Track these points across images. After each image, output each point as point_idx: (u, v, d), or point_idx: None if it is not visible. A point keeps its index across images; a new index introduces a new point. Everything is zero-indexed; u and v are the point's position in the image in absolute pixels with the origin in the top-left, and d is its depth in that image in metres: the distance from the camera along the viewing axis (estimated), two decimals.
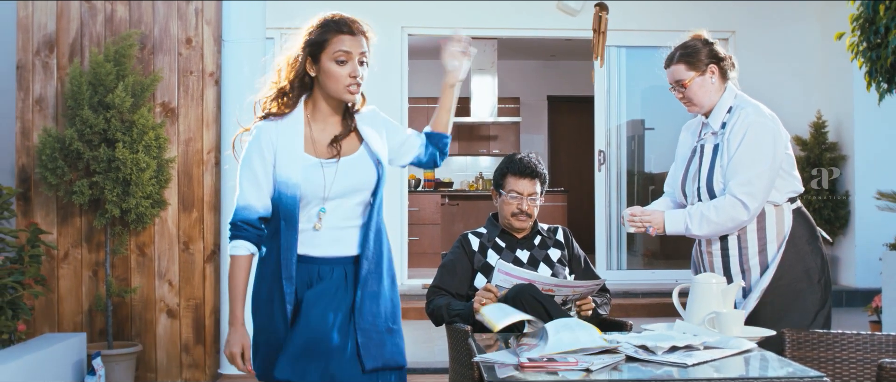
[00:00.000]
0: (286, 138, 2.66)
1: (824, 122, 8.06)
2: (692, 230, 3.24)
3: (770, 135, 3.22)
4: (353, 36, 2.65)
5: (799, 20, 8.28)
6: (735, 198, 3.17)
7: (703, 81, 3.34)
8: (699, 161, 3.39)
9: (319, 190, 2.64)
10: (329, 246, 2.68)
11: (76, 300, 5.52)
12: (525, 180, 3.54)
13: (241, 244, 2.67)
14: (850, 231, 7.99)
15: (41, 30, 5.56)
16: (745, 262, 3.28)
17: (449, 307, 3.34)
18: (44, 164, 5.17)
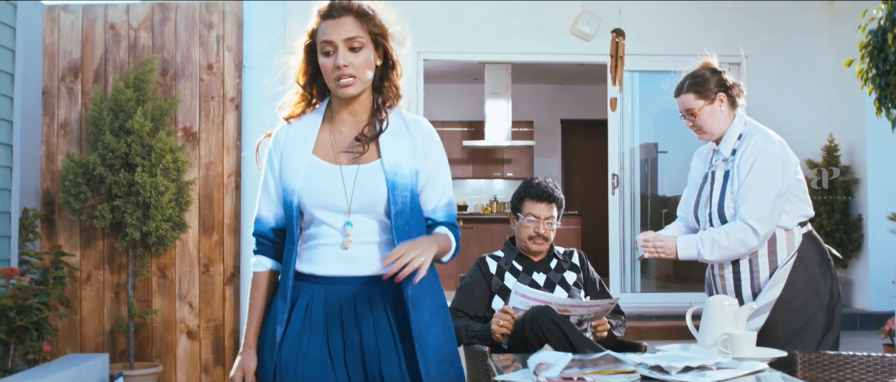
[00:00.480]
0: (296, 140, 2.40)
1: (837, 146, 8.11)
2: (704, 255, 3.31)
3: (779, 161, 3.29)
4: (335, 20, 2.32)
5: (810, 45, 8.34)
6: (745, 223, 3.24)
7: (713, 110, 3.41)
8: (711, 187, 3.46)
9: (337, 198, 2.33)
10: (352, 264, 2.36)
11: (98, 321, 5.61)
12: (542, 204, 3.61)
13: (258, 260, 2.48)
14: (864, 255, 8.01)
15: (66, 56, 5.69)
16: (757, 285, 3.34)
17: (467, 329, 3.41)
18: (67, 189, 5.28)
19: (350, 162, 2.36)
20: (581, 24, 8.19)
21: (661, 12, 8.29)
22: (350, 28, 2.30)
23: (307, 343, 2.33)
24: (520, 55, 8.83)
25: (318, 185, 2.34)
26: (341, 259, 2.34)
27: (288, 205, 2.37)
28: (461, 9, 8.22)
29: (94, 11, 5.73)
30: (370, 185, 2.34)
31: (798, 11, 8.35)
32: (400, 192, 2.34)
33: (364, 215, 2.35)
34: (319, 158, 2.37)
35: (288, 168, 2.37)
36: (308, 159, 2.37)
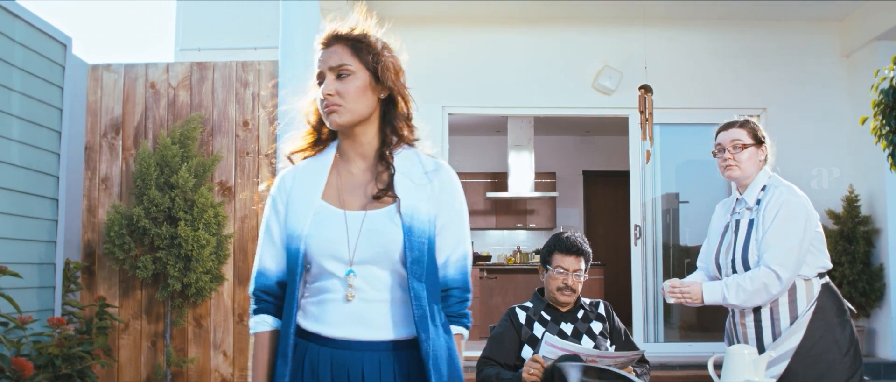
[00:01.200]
0: (304, 183, 2.21)
1: (857, 196, 8.22)
2: (729, 299, 3.45)
3: (803, 213, 3.46)
4: (326, 49, 2.21)
5: (828, 97, 8.48)
6: (769, 269, 3.39)
7: (754, 153, 3.61)
8: (734, 235, 3.61)
9: (339, 246, 2.12)
10: (357, 326, 2.13)
11: (135, 368, 5.79)
12: (571, 257, 3.76)
13: (261, 319, 2.23)
14: (886, 304, 8.08)
15: (108, 113, 5.94)
16: (778, 333, 3.48)
17: (499, 377, 3.56)
18: (112, 239, 5.50)
19: (358, 207, 2.16)
20: (603, 79, 8.40)
21: (682, 67, 8.49)
22: (337, 56, 2.17)
23: None
24: (542, 109, 9.03)
25: (325, 233, 2.12)
26: (350, 320, 2.12)
27: (293, 253, 2.13)
28: (485, 64, 8.45)
29: (136, 71, 5.99)
30: (381, 231, 2.12)
31: (816, 64, 8.52)
32: (416, 238, 2.12)
33: (375, 267, 2.12)
34: (328, 202, 2.17)
35: (294, 213, 2.17)
36: (317, 203, 2.16)
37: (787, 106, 8.52)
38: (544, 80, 8.54)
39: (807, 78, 8.53)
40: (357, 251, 2.11)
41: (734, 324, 3.66)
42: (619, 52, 8.48)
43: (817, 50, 8.55)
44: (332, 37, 2.21)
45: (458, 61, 8.47)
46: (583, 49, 8.48)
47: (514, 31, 8.52)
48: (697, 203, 9.12)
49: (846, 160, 8.46)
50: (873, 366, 7.85)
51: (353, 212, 2.15)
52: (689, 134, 8.97)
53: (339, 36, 2.20)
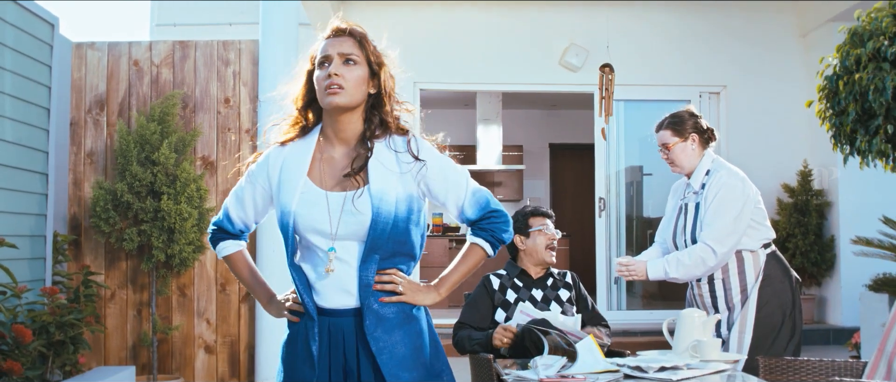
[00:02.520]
0: (291, 162, 2.45)
1: (810, 170, 8.60)
2: (670, 274, 3.80)
3: (740, 194, 3.80)
4: (335, 38, 2.44)
5: (786, 76, 8.80)
6: (705, 244, 3.75)
7: (685, 147, 3.93)
8: (685, 218, 3.96)
9: (322, 223, 2.39)
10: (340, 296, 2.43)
11: (122, 336, 6.03)
12: (546, 218, 4.07)
13: (227, 245, 2.62)
14: (836, 273, 8.48)
15: (93, 90, 6.13)
16: (730, 301, 3.83)
17: (470, 338, 3.86)
18: (97, 214, 5.71)
19: (337, 189, 2.42)
20: (569, 57, 8.68)
21: (646, 45, 8.78)
22: (348, 46, 2.42)
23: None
24: (511, 85, 9.30)
25: (309, 211, 2.39)
26: (336, 289, 2.41)
27: (284, 226, 2.41)
28: (456, 41, 8.70)
29: (119, 49, 6.18)
30: (355, 212, 2.37)
31: (774, 44, 8.86)
32: (382, 220, 2.37)
33: (351, 241, 2.40)
34: (312, 182, 2.42)
35: (285, 190, 2.42)
36: (303, 182, 2.41)
37: (746, 84, 8.85)
38: (513, 57, 8.80)
39: (765, 57, 8.87)
40: (339, 227, 2.38)
41: (693, 294, 4.00)
42: (585, 30, 8.75)
43: (775, 30, 8.88)
44: (343, 29, 2.45)
45: (430, 38, 8.70)
46: (550, 27, 8.75)
47: (484, 8, 8.76)
48: (661, 176, 9.45)
49: (801, 136, 8.82)
50: (823, 332, 8.27)
51: (333, 193, 2.41)
52: (653, 110, 9.24)
53: (348, 30, 2.45)
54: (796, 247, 8.34)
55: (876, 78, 4.32)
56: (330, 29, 2.48)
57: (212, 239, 2.66)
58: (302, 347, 2.45)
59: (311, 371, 2.41)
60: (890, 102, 4.28)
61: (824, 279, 8.62)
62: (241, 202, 2.57)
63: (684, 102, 9.01)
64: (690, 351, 3.20)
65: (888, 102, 4.29)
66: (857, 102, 4.50)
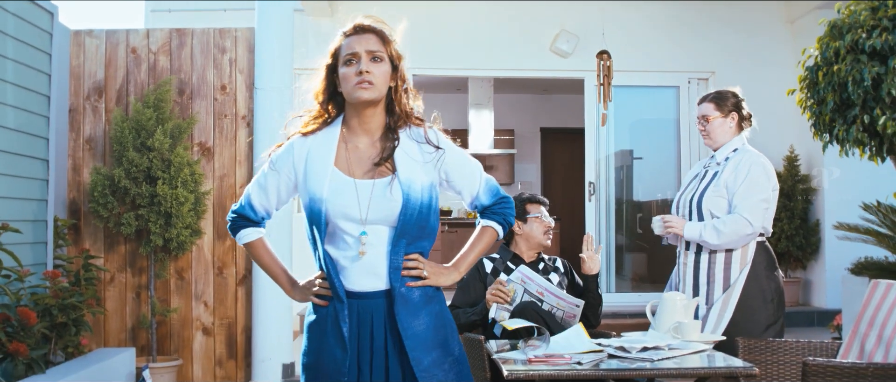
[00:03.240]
0: (317, 152, 2.59)
1: (797, 156, 8.75)
2: (704, 237, 3.96)
3: (770, 176, 4.02)
4: (360, 35, 2.57)
5: (774, 62, 8.92)
6: (742, 217, 3.91)
7: (723, 122, 4.12)
8: (699, 182, 4.10)
9: (352, 209, 2.53)
10: (368, 279, 2.57)
11: (121, 318, 6.16)
12: (542, 206, 4.27)
13: (249, 232, 2.72)
14: (821, 257, 8.65)
15: (91, 77, 6.23)
16: (712, 276, 3.99)
17: (464, 312, 4.00)
18: (96, 199, 5.83)
19: (365, 177, 2.55)
20: (560, 43, 8.80)
21: (636, 31, 8.90)
22: (373, 43, 2.56)
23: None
24: (502, 71, 9.42)
25: (340, 198, 2.52)
26: (364, 272, 2.55)
27: (316, 212, 2.53)
28: (448, 26, 8.80)
29: (117, 36, 6.28)
30: (384, 199, 2.52)
31: (762, 30, 8.99)
32: (411, 206, 2.52)
33: (380, 226, 2.54)
34: (340, 170, 2.56)
35: (313, 178, 2.55)
36: (331, 170, 2.55)
37: (734, 70, 8.96)
38: (504, 43, 8.91)
39: (753, 44, 9.00)
40: (369, 213, 2.52)
41: (679, 264, 4.16)
42: (575, 17, 8.86)
43: (763, 17, 9.01)
44: (367, 27, 2.59)
45: (423, 24, 8.80)
46: (541, 13, 8.86)
47: None
48: (650, 160, 9.59)
49: (788, 122, 8.95)
50: (809, 314, 8.44)
51: (361, 180, 2.55)
52: (643, 95, 9.42)
53: (372, 27, 2.60)
54: (782, 231, 8.49)
55: (854, 70, 4.46)
56: (352, 25, 2.60)
57: (232, 226, 2.75)
58: (332, 328, 2.56)
59: (343, 351, 2.53)
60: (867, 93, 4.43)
61: (809, 262, 8.79)
62: (264, 190, 2.68)
63: (673, 88, 9.21)
64: (672, 332, 3.34)
65: (865, 93, 4.43)
66: (836, 93, 4.65)
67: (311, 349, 2.62)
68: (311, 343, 2.62)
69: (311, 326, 2.64)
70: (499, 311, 3.93)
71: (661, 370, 2.92)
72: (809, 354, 3.59)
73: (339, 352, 2.54)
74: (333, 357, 2.54)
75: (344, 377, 2.52)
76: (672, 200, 4.37)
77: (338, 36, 2.63)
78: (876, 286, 3.63)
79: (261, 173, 2.71)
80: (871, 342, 3.49)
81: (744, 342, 3.65)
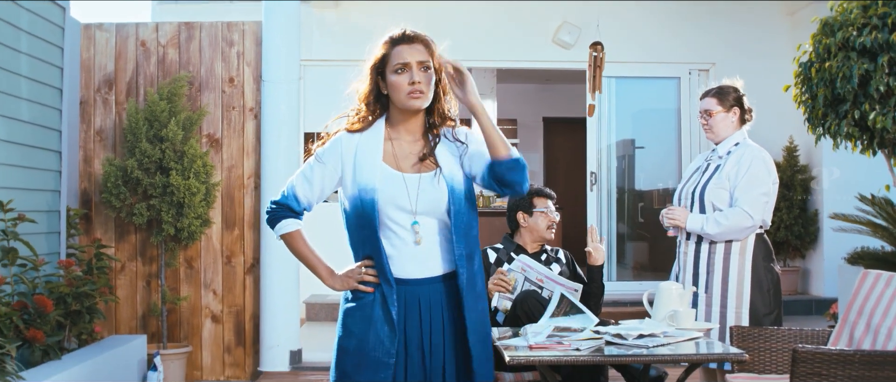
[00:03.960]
0: (365, 149, 2.75)
1: (796, 146, 8.86)
2: (706, 229, 4.08)
3: (770, 170, 4.12)
4: (409, 45, 2.72)
5: (774, 53, 8.98)
6: (743, 210, 4.02)
7: (725, 117, 4.22)
8: (701, 175, 4.22)
9: (403, 200, 2.71)
10: (420, 266, 2.75)
11: (131, 306, 6.30)
12: (548, 200, 4.38)
13: (290, 222, 2.83)
14: (820, 247, 8.77)
15: (101, 70, 6.36)
16: (711, 264, 4.11)
17: None
18: (108, 189, 5.96)
19: (412, 171, 2.75)
20: (562, 34, 8.91)
21: (638, 23, 9.00)
22: (421, 52, 2.72)
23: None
24: (505, 62, 9.54)
25: (391, 189, 2.71)
26: (414, 260, 2.74)
27: (369, 202, 2.69)
28: (450, 19, 8.91)
29: (127, 30, 6.40)
30: (432, 191, 2.73)
31: (762, 21, 9.09)
32: (457, 196, 2.74)
33: (428, 217, 2.74)
34: (388, 165, 2.75)
35: (362, 171, 2.73)
36: (380, 165, 2.74)
37: (734, 61, 9.02)
38: (507, 34, 9.02)
39: (753, 35, 9.09)
40: (418, 204, 2.72)
41: (679, 252, 4.28)
42: (578, 8, 8.96)
43: (763, 9, 9.10)
44: (415, 36, 2.76)
45: (425, 16, 8.89)
46: (543, 5, 8.96)
47: None
48: (652, 150, 9.71)
49: (787, 113, 9.03)
50: (807, 302, 8.57)
51: (409, 175, 2.75)
52: (644, 86, 9.53)
53: (421, 37, 2.77)
54: (781, 221, 8.61)
55: (844, 66, 4.58)
56: (401, 32, 2.77)
57: (273, 217, 2.85)
58: (380, 312, 2.72)
59: (393, 333, 2.70)
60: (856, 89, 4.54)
61: (808, 251, 8.91)
62: (309, 182, 2.81)
63: (674, 79, 9.32)
64: (667, 320, 3.47)
65: (855, 89, 4.55)
66: (828, 88, 4.77)
67: (352, 332, 2.75)
68: (353, 327, 2.75)
69: (350, 312, 2.78)
70: (501, 300, 4.05)
71: (657, 356, 3.06)
72: (801, 341, 3.72)
73: (388, 334, 2.70)
74: (379, 339, 2.70)
75: (391, 357, 2.68)
76: (673, 189, 4.50)
77: (383, 41, 2.78)
78: (865, 276, 3.75)
79: (307, 166, 2.83)
80: (860, 330, 3.61)
81: (737, 329, 3.78)
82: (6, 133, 4.93)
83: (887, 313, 3.47)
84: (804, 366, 3.02)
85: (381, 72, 2.77)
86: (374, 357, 2.69)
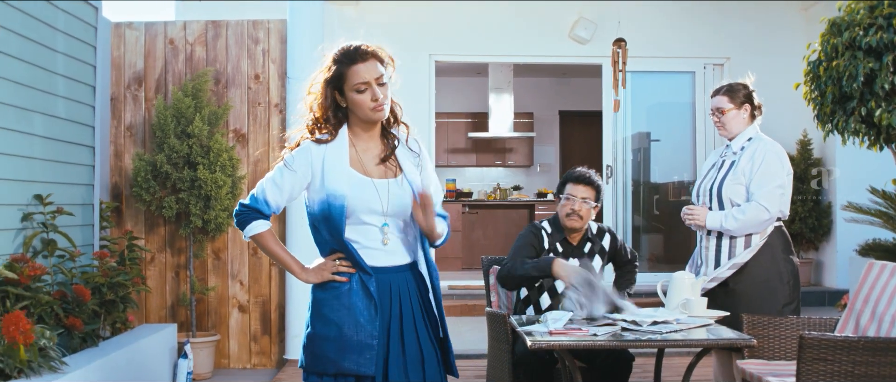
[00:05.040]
0: (332, 156, 2.86)
1: (810, 140, 8.98)
2: (725, 226, 4.23)
3: (784, 164, 4.28)
4: (364, 62, 2.82)
5: (788, 47, 9.07)
6: (759, 204, 4.17)
7: (737, 114, 4.38)
8: (717, 171, 4.38)
9: (375, 205, 2.87)
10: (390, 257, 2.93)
11: (161, 296, 6.51)
12: (580, 186, 4.30)
13: (259, 224, 2.93)
14: (833, 238, 8.90)
15: (131, 67, 6.56)
16: (733, 256, 4.24)
17: (523, 263, 4.12)
18: (139, 184, 6.17)
19: (381, 176, 2.93)
20: (578, 30, 9.06)
21: (653, 18, 9.14)
22: (377, 68, 2.84)
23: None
24: (522, 57, 9.69)
25: (362, 194, 2.86)
26: (385, 255, 2.92)
27: (338, 208, 2.84)
28: (468, 14, 9.07)
29: (155, 28, 6.60)
30: (400, 195, 2.91)
31: (776, 15, 9.20)
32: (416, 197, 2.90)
33: (396, 218, 2.94)
34: (356, 171, 2.88)
35: (331, 178, 2.85)
36: (347, 171, 2.86)
37: (749, 56, 9.18)
38: (524, 29, 9.18)
39: (767, 28, 9.21)
40: (389, 208, 2.90)
41: (700, 247, 4.43)
42: (593, 4, 9.11)
43: (777, 3, 9.21)
44: (369, 52, 2.87)
45: (444, 12, 9.08)
46: (560, 1, 9.11)
47: None
48: (667, 142, 9.85)
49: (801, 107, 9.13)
50: (820, 294, 8.70)
51: (378, 180, 2.91)
52: (660, 80, 9.67)
53: (374, 53, 2.88)
54: (795, 213, 8.73)
55: (851, 65, 4.73)
56: (355, 50, 2.87)
57: (243, 219, 2.96)
58: (359, 298, 2.87)
59: (374, 316, 2.87)
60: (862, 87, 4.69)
61: (821, 243, 9.04)
62: (279, 188, 2.92)
63: (689, 73, 9.46)
64: (680, 308, 3.64)
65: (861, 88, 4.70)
66: (835, 86, 4.92)
67: (330, 321, 2.88)
68: (332, 315, 2.88)
69: (324, 301, 2.92)
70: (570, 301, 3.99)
71: (670, 341, 3.23)
72: (809, 329, 3.88)
73: (368, 319, 2.85)
74: (360, 323, 2.85)
75: (374, 339, 2.84)
76: (689, 182, 4.66)
77: (334, 57, 2.88)
78: (871, 266, 3.90)
79: (277, 172, 2.94)
80: (865, 318, 3.77)
81: (747, 318, 3.94)
82: (45, 130, 5.14)
83: (891, 301, 3.62)
84: (810, 352, 3.18)
85: (337, 87, 2.88)
86: (357, 341, 2.84)
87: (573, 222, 4.29)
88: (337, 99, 2.89)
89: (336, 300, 2.90)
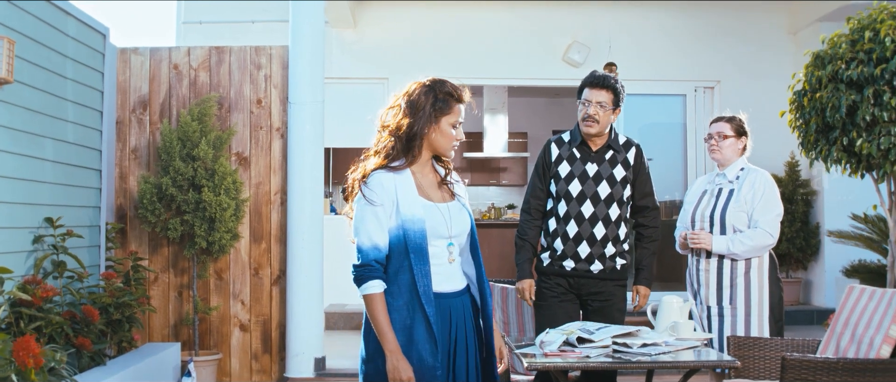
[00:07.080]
0: (402, 184, 3.01)
1: (797, 161, 9.18)
2: (732, 250, 4.46)
3: (778, 194, 4.53)
4: (463, 104, 3.07)
5: (776, 72, 9.29)
6: (764, 231, 4.44)
7: (734, 143, 4.63)
8: (714, 198, 4.61)
9: (443, 229, 3.02)
10: (451, 282, 3.06)
11: (164, 315, 6.66)
12: (595, 89, 4.16)
13: (376, 283, 2.96)
14: (821, 258, 9.09)
15: (136, 92, 6.73)
16: (734, 280, 4.48)
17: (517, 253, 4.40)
18: (144, 206, 6.33)
19: (441, 201, 3.09)
20: (572, 53, 9.26)
21: (646, 42, 9.36)
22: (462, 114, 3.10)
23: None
24: (515, 80, 9.89)
25: (433, 219, 3.01)
26: (448, 277, 3.05)
27: (414, 232, 2.96)
28: (463, 38, 9.29)
29: (160, 54, 6.78)
30: (460, 217, 3.09)
31: (765, 41, 9.43)
32: (472, 218, 3.15)
33: (458, 238, 3.09)
34: (423, 198, 3.04)
35: (407, 205, 2.98)
36: (418, 198, 3.02)
37: (738, 79, 9.42)
38: (518, 53, 9.39)
39: (757, 54, 9.44)
40: (453, 229, 3.07)
41: (697, 271, 4.63)
42: (587, 28, 9.32)
43: (767, 28, 9.45)
44: (465, 99, 3.11)
45: (440, 35, 9.29)
46: (554, 25, 9.32)
47: (491, 7, 9.33)
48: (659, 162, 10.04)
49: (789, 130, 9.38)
50: (808, 312, 8.88)
51: (441, 204, 3.08)
52: (652, 102, 9.88)
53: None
54: (783, 234, 8.92)
55: (833, 97, 4.94)
56: (466, 93, 3.11)
57: (365, 277, 2.98)
58: (421, 333, 2.96)
59: (435, 349, 2.97)
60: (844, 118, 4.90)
61: (809, 263, 9.23)
62: (381, 226, 2.99)
63: (680, 95, 9.66)
64: (669, 331, 3.82)
65: (843, 118, 4.91)
66: (819, 117, 5.13)
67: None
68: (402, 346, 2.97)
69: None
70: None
71: (658, 362, 3.40)
72: (791, 350, 4.06)
73: (430, 352, 2.95)
74: (422, 357, 2.95)
75: (438, 370, 2.95)
76: (679, 201, 4.85)
77: (445, 91, 3.04)
78: (851, 290, 4.08)
79: (367, 213, 3.00)
80: (845, 339, 3.94)
81: (733, 339, 4.12)
82: (55, 154, 5.30)
83: (870, 324, 3.80)
84: (792, 372, 3.35)
85: (436, 116, 3.02)
86: (422, 367, 2.94)
87: (589, 127, 4.15)
88: (428, 128, 3.01)
89: (400, 333, 2.97)
